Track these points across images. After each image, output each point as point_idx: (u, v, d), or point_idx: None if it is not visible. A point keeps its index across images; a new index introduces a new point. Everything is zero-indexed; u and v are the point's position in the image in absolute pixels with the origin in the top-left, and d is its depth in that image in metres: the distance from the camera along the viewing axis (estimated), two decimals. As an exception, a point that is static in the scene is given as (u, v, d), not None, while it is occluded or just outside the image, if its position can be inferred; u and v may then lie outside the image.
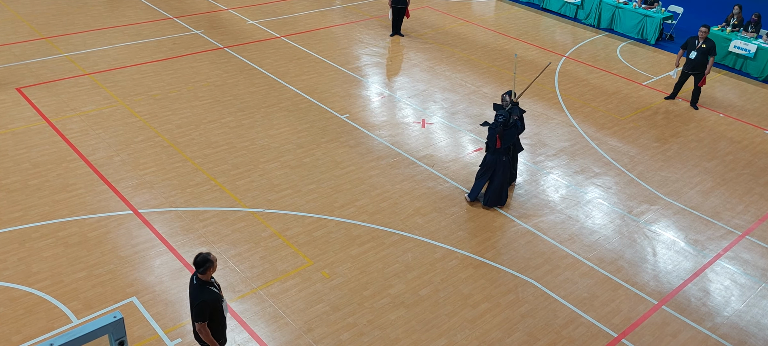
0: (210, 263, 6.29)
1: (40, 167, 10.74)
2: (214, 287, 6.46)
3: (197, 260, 6.28)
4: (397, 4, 16.95)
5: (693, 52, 14.12)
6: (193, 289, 6.38)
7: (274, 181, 10.78)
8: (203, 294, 6.31)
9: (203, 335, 6.42)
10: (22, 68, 14.16)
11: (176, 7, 18.74)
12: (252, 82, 14.24)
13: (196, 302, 6.29)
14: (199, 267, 6.29)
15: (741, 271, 9.54)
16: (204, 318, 6.32)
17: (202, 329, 6.37)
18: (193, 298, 6.34)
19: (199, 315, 6.30)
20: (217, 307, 6.41)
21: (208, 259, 6.28)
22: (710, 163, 12.27)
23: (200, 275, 6.33)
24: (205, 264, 6.27)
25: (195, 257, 6.32)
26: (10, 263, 8.67)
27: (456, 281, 8.88)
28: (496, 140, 9.91)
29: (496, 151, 10.03)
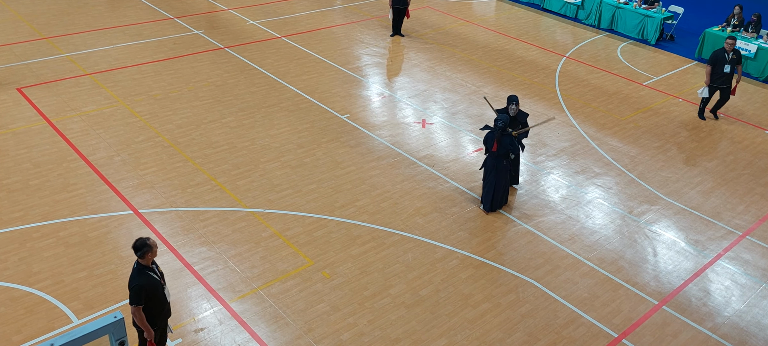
0: (148, 247, 6.38)
1: (40, 167, 10.74)
2: (154, 272, 6.54)
3: (136, 244, 6.39)
4: (398, 5, 16.95)
5: (726, 66, 13.33)
6: (132, 273, 6.47)
7: (275, 181, 10.78)
8: (140, 278, 6.39)
9: (137, 319, 6.49)
10: (23, 68, 14.17)
11: (177, 7, 18.75)
12: (253, 82, 14.25)
13: (131, 285, 6.39)
14: (138, 251, 6.39)
15: (741, 271, 9.54)
16: (139, 302, 6.39)
17: (136, 312, 6.44)
18: (130, 281, 6.43)
19: (134, 299, 6.38)
20: (155, 293, 6.49)
21: (147, 243, 6.38)
22: (711, 164, 12.26)
23: (139, 259, 6.43)
24: (143, 248, 6.38)
25: (135, 241, 6.42)
26: (11, 263, 8.68)
27: (456, 282, 8.88)
28: (494, 144, 9.82)
29: (493, 154, 9.96)
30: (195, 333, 7.76)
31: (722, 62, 13.42)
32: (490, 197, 10.24)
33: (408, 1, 16.89)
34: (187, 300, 8.24)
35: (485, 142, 10.03)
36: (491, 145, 9.88)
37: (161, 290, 6.59)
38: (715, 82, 13.59)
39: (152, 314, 6.61)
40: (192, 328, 7.83)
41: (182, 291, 8.37)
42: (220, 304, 8.22)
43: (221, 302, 8.24)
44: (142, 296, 6.39)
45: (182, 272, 8.69)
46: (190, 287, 8.45)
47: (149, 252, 6.43)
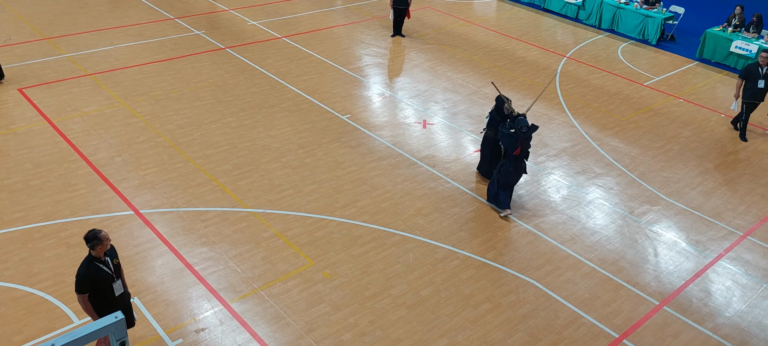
0: (98, 240, 6.52)
1: (41, 168, 10.75)
2: (104, 265, 6.68)
3: (87, 235, 6.54)
4: (398, 5, 16.94)
5: (760, 81, 12.74)
6: (82, 262, 6.65)
7: (276, 181, 10.78)
8: (86, 269, 6.59)
9: (82, 305, 6.66)
10: (24, 69, 14.18)
11: (178, 7, 18.76)
12: (253, 83, 14.25)
13: (77, 274, 6.57)
14: (88, 242, 6.54)
15: (742, 271, 9.53)
16: (81, 291, 6.58)
17: (80, 300, 6.63)
18: (77, 270, 6.61)
19: (77, 287, 6.57)
20: (100, 285, 6.65)
21: (97, 236, 6.53)
22: (712, 164, 12.26)
23: (90, 250, 6.59)
24: (93, 240, 6.53)
25: (87, 232, 6.56)
26: (12, 263, 8.68)
27: (457, 282, 8.88)
28: (517, 147, 9.76)
29: (515, 157, 9.89)
30: (196, 333, 7.77)
31: (756, 77, 12.77)
32: (508, 197, 10.24)
33: (409, 1, 16.89)
34: (188, 300, 8.24)
35: (506, 145, 9.89)
36: (514, 148, 9.77)
37: (109, 283, 6.73)
38: (747, 98, 12.98)
39: (102, 305, 6.76)
40: (193, 328, 7.84)
41: (183, 291, 8.37)
42: (221, 304, 8.23)
43: (222, 303, 8.25)
44: (86, 285, 6.58)
45: (183, 273, 8.69)
46: (190, 287, 8.46)
47: (99, 245, 6.55)
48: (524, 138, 9.75)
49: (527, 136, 9.80)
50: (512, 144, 9.79)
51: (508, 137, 9.82)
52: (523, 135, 9.72)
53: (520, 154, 9.89)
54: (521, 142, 9.75)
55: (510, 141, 9.82)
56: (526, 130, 9.71)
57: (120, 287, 6.86)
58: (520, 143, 9.75)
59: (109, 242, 6.66)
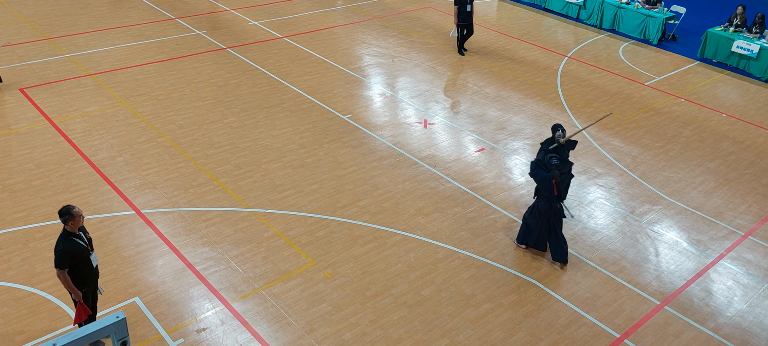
0: (71, 215, 6.74)
1: (43, 168, 10.76)
2: (80, 239, 6.88)
3: (61, 210, 6.77)
4: (464, 21, 16.20)
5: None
6: (58, 239, 6.81)
7: (277, 181, 10.79)
8: (64, 244, 6.76)
9: (62, 281, 6.84)
10: (26, 69, 14.20)
11: (179, 7, 18.77)
12: (254, 83, 14.26)
13: (56, 249, 6.75)
14: (62, 217, 6.76)
15: (744, 271, 9.53)
16: (63, 265, 6.75)
17: (60, 275, 6.79)
18: (55, 246, 6.77)
19: (58, 262, 6.74)
20: (80, 258, 6.85)
21: (70, 212, 6.75)
22: (713, 164, 12.25)
23: (64, 225, 6.80)
24: (66, 215, 6.75)
25: (61, 208, 6.79)
26: (14, 263, 8.70)
27: (458, 282, 8.88)
28: (554, 188, 8.67)
29: (550, 199, 8.85)
30: (197, 333, 7.78)
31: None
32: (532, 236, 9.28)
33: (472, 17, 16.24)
34: (189, 300, 8.25)
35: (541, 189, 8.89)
36: (551, 189, 8.72)
37: (87, 256, 6.92)
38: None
39: (79, 278, 6.94)
40: (194, 328, 7.85)
41: (184, 291, 8.38)
42: (222, 304, 8.23)
43: (223, 302, 8.26)
44: (66, 260, 6.74)
45: (184, 272, 8.70)
46: (192, 287, 8.47)
47: (71, 220, 6.75)
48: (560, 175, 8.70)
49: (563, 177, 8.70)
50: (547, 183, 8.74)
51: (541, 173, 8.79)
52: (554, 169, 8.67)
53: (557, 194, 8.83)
54: (556, 180, 8.67)
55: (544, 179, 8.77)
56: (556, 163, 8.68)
57: (95, 259, 7.08)
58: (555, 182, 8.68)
59: (82, 218, 6.88)
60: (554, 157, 8.74)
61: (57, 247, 6.75)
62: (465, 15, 16.13)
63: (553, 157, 8.74)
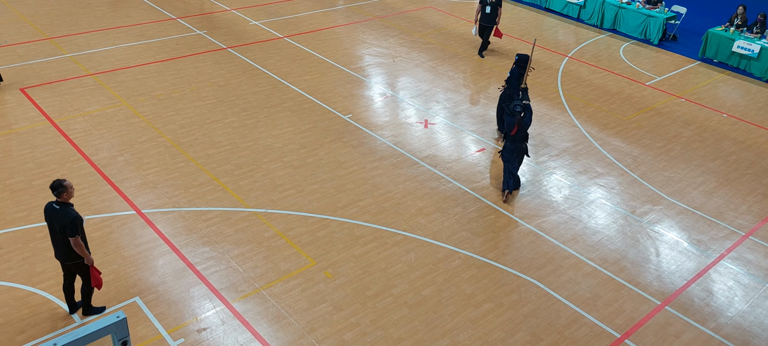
0: (64, 188, 7.11)
1: (44, 167, 10.77)
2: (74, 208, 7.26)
3: (53, 184, 7.12)
4: (485, 22, 16.12)
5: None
6: (56, 212, 7.15)
7: (277, 181, 10.79)
8: (72, 211, 7.15)
9: (79, 249, 7.21)
10: (26, 69, 14.20)
11: (179, 7, 18.78)
12: (255, 83, 14.26)
13: (67, 220, 7.08)
14: (55, 190, 7.11)
15: (744, 271, 9.52)
16: (77, 232, 7.13)
17: (77, 243, 7.16)
18: (62, 217, 7.10)
19: (74, 231, 7.11)
20: (83, 226, 7.30)
21: (63, 184, 7.13)
22: (713, 164, 12.25)
23: (59, 198, 7.15)
24: (59, 188, 7.11)
25: (53, 182, 7.14)
26: (15, 262, 8.70)
27: (459, 281, 8.88)
28: (514, 128, 10.41)
29: (514, 138, 10.52)
30: (197, 333, 7.78)
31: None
32: (510, 178, 10.64)
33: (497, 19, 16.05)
34: (189, 300, 8.25)
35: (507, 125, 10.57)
36: (511, 128, 10.42)
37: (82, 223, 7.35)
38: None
39: (84, 243, 7.34)
40: (194, 328, 7.85)
41: (185, 291, 8.38)
42: (223, 304, 8.23)
43: (224, 302, 8.26)
44: (79, 226, 7.16)
45: (185, 272, 8.70)
46: (192, 286, 8.47)
47: (65, 192, 7.13)
48: (520, 120, 10.37)
49: (525, 121, 10.41)
50: (510, 124, 10.46)
51: (508, 118, 10.54)
52: (517, 115, 10.36)
53: (516, 134, 10.47)
54: (517, 122, 10.37)
55: (509, 122, 10.50)
56: (519, 110, 10.36)
57: None
58: (517, 124, 10.37)
59: (73, 190, 7.24)
60: (518, 105, 10.43)
61: (68, 217, 7.06)
62: (483, 16, 16.11)
63: (517, 105, 10.43)
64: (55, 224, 7.17)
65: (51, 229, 7.27)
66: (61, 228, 7.14)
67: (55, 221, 7.15)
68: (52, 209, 7.20)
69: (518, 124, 10.40)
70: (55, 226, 7.18)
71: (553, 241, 9.82)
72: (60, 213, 7.11)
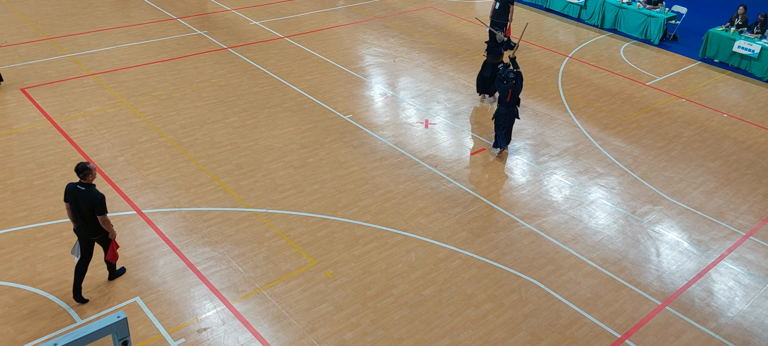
0: (89, 170, 7.61)
1: (44, 167, 10.77)
2: None
3: (78, 167, 7.59)
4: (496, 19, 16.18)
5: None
6: (83, 193, 7.62)
7: (278, 181, 10.80)
8: (98, 192, 7.67)
9: (107, 225, 7.78)
10: (27, 69, 14.21)
11: (180, 7, 18.79)
12: (256, 83, 14.27)
13: (96, 199, 7.62)
14: (80, 173, 7.59)
15: (745, 271, 9.52)
16: (106, 210, 7.70)
17: (105, 220, 7.73)
18: (90, 198, 7.62)
19: (103, 209, 7.66)
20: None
21: (87, 166, 7.61)
22: (714, 164, 12.24)
23: (84, 180, 7.62)
24: (84, 170, 7.60)
25: (77, 165, 7.60)
26: (15, 262, 8.71)
27: (459, 281, 8.88)
28: (508, 94, 11.34)
29: (507, 103, 11.45)
30: (198, 333, 7.78)
31: None
32: (502, 138, 11.72)
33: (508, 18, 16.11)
34: (190, 300, 8.26)
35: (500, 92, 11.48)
36: (506, 95, 11.35)
37: None
38: None
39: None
40: (195, 328, 7.85)
41: (185, 291, 8.39)
42: (223, 304, 8.24)
43: (224, 302, 8.26)
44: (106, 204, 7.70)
45: (185, 272, 8.71)
46: (193, 286, 8.48)
47: (90, 173, 7.62)
48: (513, 86, 11.31)
49: (517, 87, 11.38)
50: (504, 90, 11.38)
51: (501, 85, 11.42)
52: (511, 82, 11.29)
53: (511, 100, 11.41)
54: (511, 89, 11.29)
55: (502, 88, 11.41)
56: (512, 77, 11.30)
57: None
58: (511, 89, 11.30)
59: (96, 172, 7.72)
60: (511, 71, 11.28)
61: (96, 197, 7.60)
62: (494, 12, 16.32)
63: (511, 71, 11.28)
64: (82, 204, 7.62)
65: (75, 208, 7.68)
66: (89, 208, 7.62)
67: (82, 201, 7.61)
68: (77, 191, 7.63)
69: (512, 90, 11.27)
70: (82, 206, 7.63)
71: (554, 241, 9.82)
72: (86, 194, 7.60)
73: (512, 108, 11.52)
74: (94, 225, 7.76)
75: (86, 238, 7.87)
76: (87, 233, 7.83)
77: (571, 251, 9.64)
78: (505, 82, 11.31)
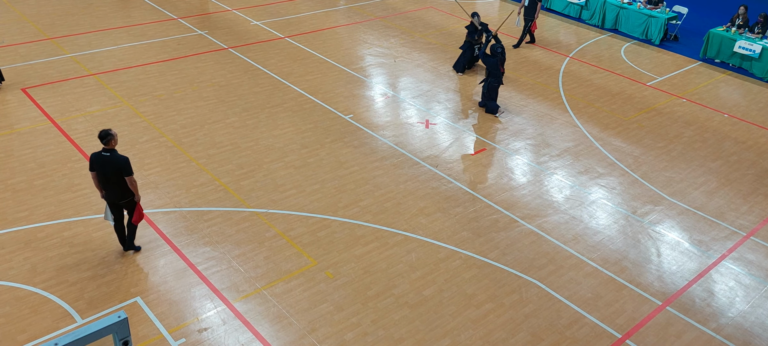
0: (111, 136, 8.07)
1: (45, 167, 10.78)
2: None
3: (101, 133, 8.03)
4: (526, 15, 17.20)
5: None
6: (108, 159, 8.08)
7: (278, 181, 10.80)
8: (121, 155, 8.14)
9: (134, 186, 8.27)
10: (28, 69, 14.22)
11: (181, 7, 18.79)
12: (256, 83, 14.27)
13: (123, 162, 8.09)
14: (104, 139, 8.04)
15: (746, 272, 9.52)
16: (132, 171, 8.20)
17: (132, 181, 8.23)
18: (116, 162, 8.09)
19: (130, 170, 8.17)
20: None
21: (110, 133, 8.06)
22: (715, 164, 12.24)
23: (107, 146, 8.07)
24: (107, 136, 8.04)
25: (99, 133, 8.05)
26: (16, 262, 8.71)
27: (460, 281, 8.88)
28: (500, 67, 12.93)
29: (499, 74, 13.00)
30: (198, 333, 7.79)
31: None
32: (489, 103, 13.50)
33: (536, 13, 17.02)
34: (190, 300, 8.26)
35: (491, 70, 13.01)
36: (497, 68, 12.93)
37: None
38: None
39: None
40: (195, 328, 7.85)
41: (186, 291, 8.39)
42: (224, 304, 8.24)
43: (225, 302, 8.27)
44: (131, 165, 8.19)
45: (186, 272, 8.71)
46: (193, 286, 8.48)
47: (112, 139, 8.07)
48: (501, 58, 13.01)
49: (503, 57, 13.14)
50: (494, 64, 12.96)
51: (491, 59, 12.96)
52: (500, 55, 12.92)
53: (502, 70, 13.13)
54: (501, 61, 13.02)
55: (492, 62, 12.97)
56: (501, 51, 12.97)
57: None
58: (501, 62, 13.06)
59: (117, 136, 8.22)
60: (498, 46, 12.90)
61: (122, 159, 8.09)
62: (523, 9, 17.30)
63: (497, 46, 12.89)
64: (109, 169, 8.09)
65: (102, 175, 8.15)
66: (116, 172, 8.09)
67: (109, 167, 8.08)
68: (102, 157, 8.09)
69: (502, 62, 12.97)
70: (109, 171, 8.09)
71: (554, 241, 9.82)
72: (112, 159, 8.08)
73: (500, 77, 13.14)
74: (120, 189, 8.23)
75: (114, 202, 8.37)
76: (114, 197, 8.32)
77: (571, 251, 9.63)
78: (494, 56, 12.88)
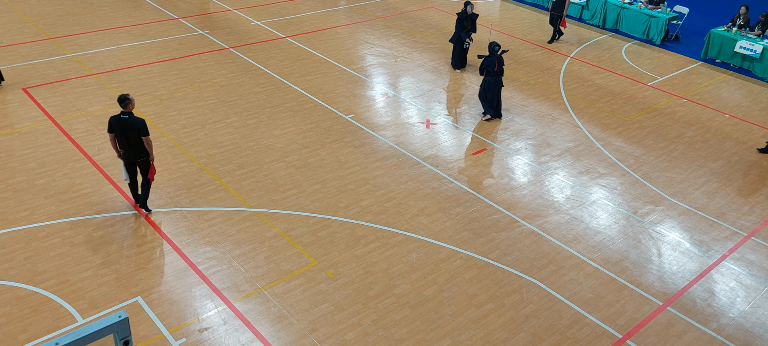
0: (129, 99, 8.79)
1: (46, 167, 10.78)
2: None
3: (119, 98, 8.77)
4: (554, 11, 17.60)
5: None
6: (127, 121, 8.81)
7: (279, 181, 10.80)
8: (139, 118, 8.83)
9: (149, 145, 9.00)
10: (29, 69, 14.22)
11: (182, 7, 18.80)
12: (257, 83, 14.27)
13: (140, 123, 8.82)
14: (122, 103, 8.76)
15: (746, 272, 9.51)
16: (148, 131, 8.91)
17: (149, 141, 8.97)
18: (134, 123, 8.81)
19: (146, 130, 8.89)
20: None
21: (127, 97, 8.79)
22: (716, 164, 12.23)
23: (125, 109, 8.78)
24: (125, 100, 8.77)
25: (119, 96, 8.78)
26: (17, 262, 8.71)
27: (460, 282, 8.88)
28: (495, 65, 12.83)
29: (495, 73, 12.91)
30: (199, 333, 7.79)
31: None
32: (495, 105, 13.18)
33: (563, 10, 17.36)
34: (191, 300, 8.26)
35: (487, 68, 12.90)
36: (493, 66, 12.83)
37: None
38: None
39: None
40: (196, 327, 7.85)
41: (186, 290, 8.39)
42: (225, 303, 8.24)
43: (225, 302, 8.27)
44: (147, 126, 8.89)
45: (186, 272, 8.71)
46: (194, 286, 8.48)
47: (130, 103, 8.77)
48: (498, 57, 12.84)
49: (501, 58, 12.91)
50: (491, 62, 12.84)
51: (488, 58, 12.85)
52: (496, 53, 12.79)
53: (497, 70, 12.91)
54: (496, 60, 12.82)
55: (489, 60, 12.85)
56: (498, 49, 12.81)
57: None
58: (496, 61, 12.81)
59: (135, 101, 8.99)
60: (496, 44, 12.81)
61: (139, 120, 8.81)
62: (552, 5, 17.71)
63: (495, 44, 12.81)
64: (127, 131, 8.80)
65: (121, 136, 8.86)
66: (135, 132, 8.82)
67: (128, 128, 8.80)
68: (121, 120, 8.80)
69: (498, 61, 12.83)
70: (127, 132, 8.81)
71: (555, 241, 9.82)
72: (130, 121, 8.78)
73: (498, 77, 12.94)
74: (137, 149, 8.96)
75: (130, 161, 9.11)
76: (131, 156, 9.06)
77: (572, 251, 9.63)
78: (491, 54, 12.78)
